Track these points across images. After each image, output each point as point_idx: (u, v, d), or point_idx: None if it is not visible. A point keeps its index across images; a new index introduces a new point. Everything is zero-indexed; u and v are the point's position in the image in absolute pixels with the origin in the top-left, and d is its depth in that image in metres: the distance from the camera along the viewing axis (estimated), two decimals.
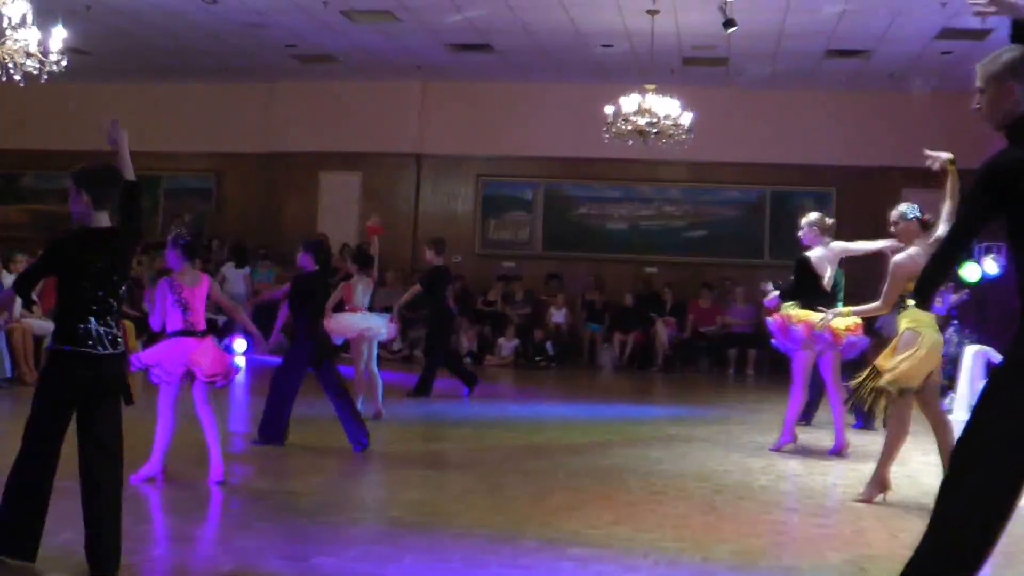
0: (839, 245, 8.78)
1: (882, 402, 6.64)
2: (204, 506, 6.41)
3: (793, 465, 8.14)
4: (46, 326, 11.73)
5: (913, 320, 6.64)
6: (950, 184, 6.16)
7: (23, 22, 10.05)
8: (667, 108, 13.81)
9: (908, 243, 6.88)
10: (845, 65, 15.31)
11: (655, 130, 13.89)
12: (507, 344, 16.51)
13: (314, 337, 8.38)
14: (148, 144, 18.60)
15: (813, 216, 8.87)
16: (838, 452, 8.51)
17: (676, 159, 16.23)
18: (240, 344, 16.30)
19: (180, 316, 6.72)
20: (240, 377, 11.37)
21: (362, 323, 9.86)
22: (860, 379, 6.75)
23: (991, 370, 3.80)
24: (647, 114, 13.77)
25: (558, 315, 17.06)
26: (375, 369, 9.96)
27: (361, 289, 10.03)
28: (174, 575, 4.92)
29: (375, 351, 10.07)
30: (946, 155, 6.30)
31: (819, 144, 16.84)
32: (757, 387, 14.67)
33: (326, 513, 6.24)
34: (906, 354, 6.54)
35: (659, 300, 17.05)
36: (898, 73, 15.12)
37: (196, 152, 18.88)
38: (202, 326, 6.80)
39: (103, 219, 4.83)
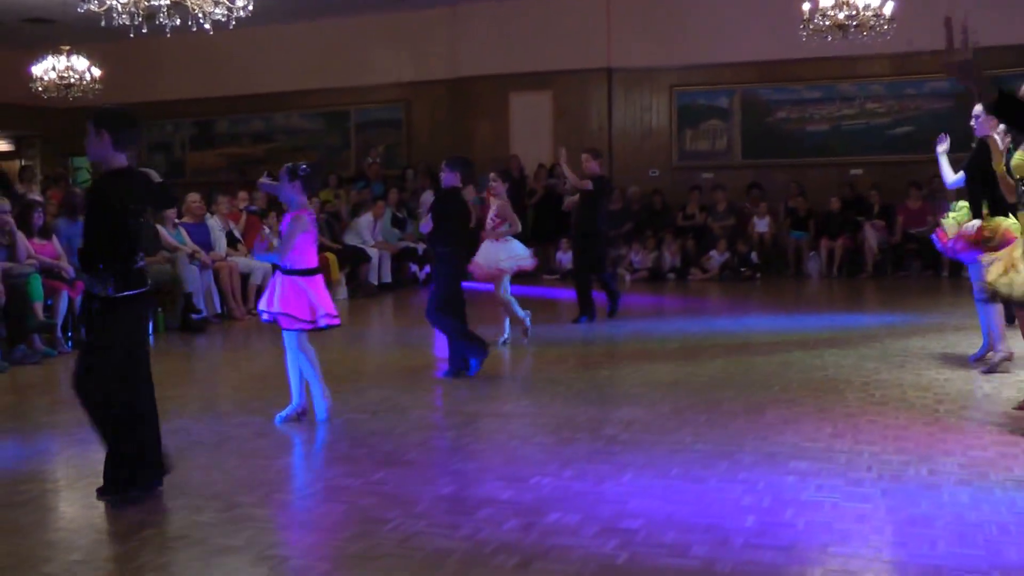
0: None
1: None
2: (421, 433, 6.45)
3: (1015, 372, 7.77)
4: (251, 264, 12.40)
5: None
6: None
7: None
8: None
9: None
10: None
11: (855, 23, 13.32)
12: (717, 256, 16.32)
13: (462, 255, 8.37)
14: (334, 80, 19.18)
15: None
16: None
17: (877, 52, 15.51)
18: None
19: (314, 253, 6.51)
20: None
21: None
22: None
23: None
24: (846, 7, 13.22)
25: (761, 224, 16.73)
26: (503, 294, 9.73)
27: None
28: (398, 499, 4.93)
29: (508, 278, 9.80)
30: None
31: None
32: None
33: (539, 434, 6.34)
34: None
35: (866, 203, 16.45)
36: None
37: (383, 84, 19.15)
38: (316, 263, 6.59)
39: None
